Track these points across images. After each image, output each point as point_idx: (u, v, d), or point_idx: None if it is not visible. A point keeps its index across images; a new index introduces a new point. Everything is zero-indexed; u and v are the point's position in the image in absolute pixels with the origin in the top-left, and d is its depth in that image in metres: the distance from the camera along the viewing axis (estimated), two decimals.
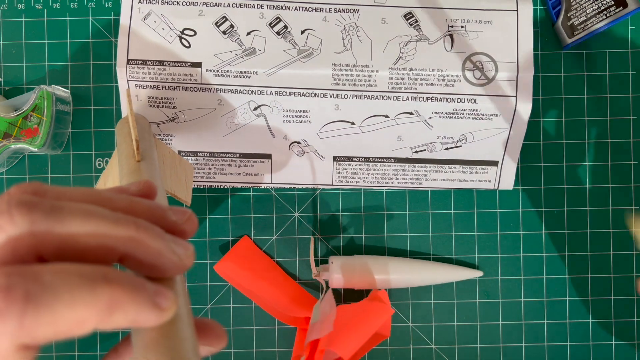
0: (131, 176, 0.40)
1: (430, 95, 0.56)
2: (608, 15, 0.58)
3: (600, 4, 0.58)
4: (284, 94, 0.56)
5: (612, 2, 0.57)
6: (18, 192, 0.24)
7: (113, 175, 0.46)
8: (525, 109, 0.56)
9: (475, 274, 0.60)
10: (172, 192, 0.48)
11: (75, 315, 0.22)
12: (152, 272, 0.26)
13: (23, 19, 0.61)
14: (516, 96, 0.56)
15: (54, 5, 0.61)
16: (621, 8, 0.57)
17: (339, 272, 0.58)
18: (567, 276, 0.61)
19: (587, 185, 0.61)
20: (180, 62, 0.56)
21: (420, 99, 0.56)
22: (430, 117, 0.57)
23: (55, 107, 0.57)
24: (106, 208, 0.25)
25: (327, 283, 0.59)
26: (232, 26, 0.57)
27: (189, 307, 0.28)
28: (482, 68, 0.56)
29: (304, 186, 0.60)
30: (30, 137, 0.56)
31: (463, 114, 0.57)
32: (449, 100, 0.56)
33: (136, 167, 0.40)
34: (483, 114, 0.57)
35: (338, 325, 0.51)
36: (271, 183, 0.60)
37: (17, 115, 0.56)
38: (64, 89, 0.60)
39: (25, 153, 0.60)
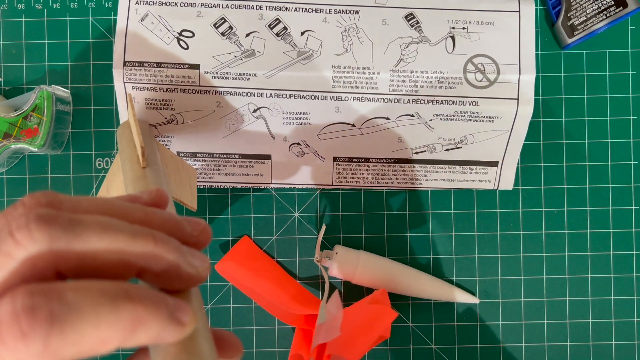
0: (137, 183, 0.39)
1: (432, 98, 0.56)
2: (608, 15, 0.58)
3: (600, 4, 0.58)
4: (284, 96, 0.56)
5: (612, 2, 0.57)
6: (34, 204, 0.24)
7: (117, 181, 0.45)
8: (526, 111, 0.56)
9: (473, 300, 0.60)
10: (178, 197, 0.48)
11: (99, 335, 0.22)
12: (169, 284, 0.26)
13: (23, 19, 0.61)
14: (517, 99, 0.56)
15: (54, 5, 0.61)
16: (621, 8, 0.57)
17: (341, 263, 0.58)
18: (567, 276, 0.61)
19: (587, 185, 0.61)
20: (178, 64, 0.56)
21: (422, 101, 0.56)
22: (431, 120, 0.57)
23: (55, 107, 0.57)
24: (122, 220, 0.25)
25: (326, 270, 0.59)
26: (230, 27, 0.56)
27: (206, 319, 0.28)
28: (484, 70, 0.56)
29: (304, 186, 0.60)
30: (30, 137, 0.56)
31: (464, 116, 0.57)
32: (451, 102, 0.56)
33: (142, 174, 0.40)
34: (484, 117, 0.56)
35: (344, 329, 0.51)
36: (271, 183, 0.60)
37: (17, 115, 0.56)
38: (64, 89, 0.60)
39: (25, 153, 0.60)
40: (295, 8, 0.57)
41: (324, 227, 0.60)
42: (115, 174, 0.47)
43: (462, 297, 0.60)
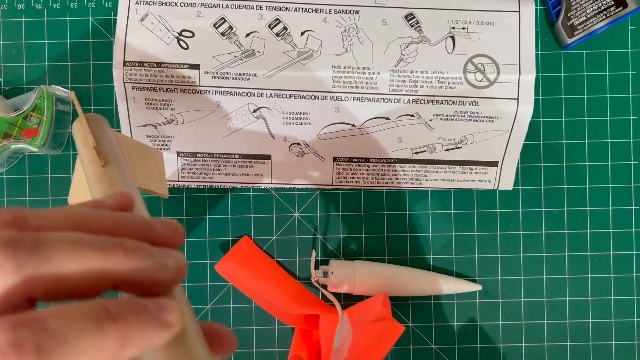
0: (100, 184, 0.38)
1: (432, 98, 0.56)
2: (608, 15, 0.58)
3: (600, 4, 0.58)
4: (284, 96, 0.56)
5: (612, 2, 0.57)
6: None
7: (83, 183, 0.44)
8: (526, 111, 0.56)
9: (475, 287, 0.60)
10: (147, 187, 0.47)
11: (88, 359, 0.21)
12: (148, 290, 0.26)
13: (23, 19, 0.61)
14: (517, 99, 0.56)
15: (54, 5, 0.61)
16: (621, 8, 0.57)
17: (338, 278, 0.58)
18: (567, 276, 0.61)
19: (587, 185, 0.61)
20: (178, 63, 0.56)
21: (422, 101, 0.56)
22: (431, 120, 0.57)
23: (55, 107, 0.57)
24: (91, 230, 0.25)
25: (325, 287, 0.60)
26: (230, 27, 0.56)
27: (193, 316, 0.27)
28: (484, 70, 0.56)
29: (304, 186, 0.60)
30: (30, 137, 0.56)
31: (464, 116, 0.57)
32: (450, 102, 0.56)
33: (103, 173, 0.39)
34: (484, 117, 0.56)
35: (353, 351, 0.51)
36: (271, 183, 0.60)
37: (17, 115, 0.56)
38: (64, 89, 0.60)
39: (25, 153, 0.60)
40: (295, 8, 0.57)
41: (314, 253, 0.60)
42: (80, 175, 0.46)
43: (463, 287, 0.59)
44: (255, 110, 0.57)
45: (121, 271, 0.24)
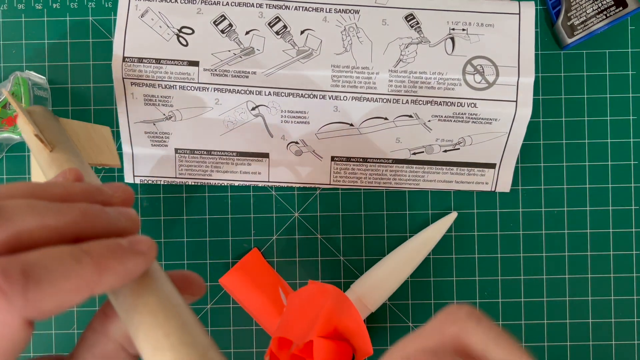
0: (51, 169, 0.40)
1: (430, 99, 0.56)
2: (608, 15, 0.58)
3: (600, 4, 0.58)
4: (283, 94, 0.56)
5: (612, 2, 0.57)
6: None
7: (40, 177, 0.46)
8: (525, 114, 0.56)
9: (451, 218, 0.60)
10: (98, 162, 0.49)
11: (71, 285, 0.23)
12: None
13: (23, 19, 0.61)
14: (516, 101, 0.56)
15: (54, 5, 0.61)
16: (621, 8, 0.57)
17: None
18: (567, 276, 0.61)
19: (587, 185, 0.60)
20: (178, 60, 0.56)
21: (420, 102, 0.56)
22: (429, 120, 0.57)
23: (32, 93, 0.57)
24: (45, 199, 0.27)
25: None
26: (230, 25, 0.57)
27: (159, 267, 0.30)
28: (483, 72, 0.56)
29: (302, 185, 0.60)
30: (12, 125, 0.56)
31: (462, 117, 0.57)
32: (449, 104, 0.56)
33: (52, 158, 0.41)
34: (482, 118, 0.56)
35: (288, 312, 0.51)
36: (268, 182, 0.60)
37: None
38: (39, 75, 0.60)
39: (11, 143, 0.60)
40: (296, 7, 0.57)
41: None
42: (36, 168, 0.48)
43: (443, 228, 0.59)
44: (253, 108, 0.57)
45: (79, 226, 0.26)
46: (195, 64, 0.56)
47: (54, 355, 0.32)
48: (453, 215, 0.60)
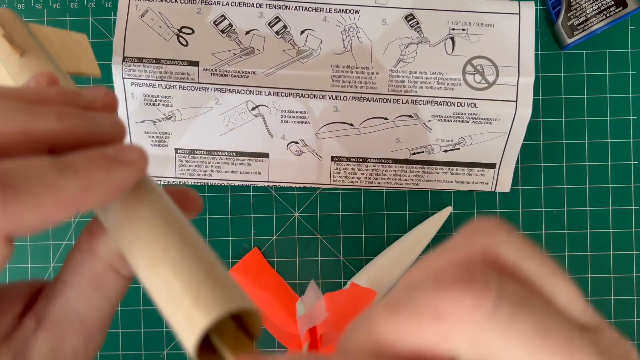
0: (22, 74, 0.36)
1: (430, 99, 0.56)
2: (608, 15, 0.58)
3: (600, 4, 0.58)
4: (283, 94, 0.56)
5: (612, 2, 0.57)
6: None
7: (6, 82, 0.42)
8: (524, 114, 0.56)
9: (447, 212, 0.60)
10: (75, 70, 0.45)
11: (54, 198, 0.21)
12: None
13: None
14: (516, 101, 0.56)
15: (54, 5, 0.61)
16: (621, 8, 0.57)
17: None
18: None
19: (587, 185, 0.60)
20: (178, 60, 0.56)
21: (420, 102, 0.56)
22: (429, 120, 0.57)
23: None
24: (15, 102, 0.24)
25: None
26: (230, 25, 0.57)
27: (152, 179, 0.27)
28: (483, 72, 0.56)
29: (302, 185, 0.60)
30: None
31: (462, 117, 0.57)
32: (449, 104, 0.56)
33: (22, 63, 0.37)
34: (482, 118, 0.56)
35: (329, 310, 0.51)
36: (268, 182, 0.60)
37: None
38: None
39: None
40: (295, 7, 0.57)
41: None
42: (1, 72, 0.41)
43: (438, 222, 0.59)
44: (253, 108, 0.57)
45: (54, 130, 0.24)
46: (195, 64, 0.56)
47: (38, 280, 0.29)
48: (448, 210, 0.60)
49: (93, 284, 0.27)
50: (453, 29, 0.57)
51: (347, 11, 0.57)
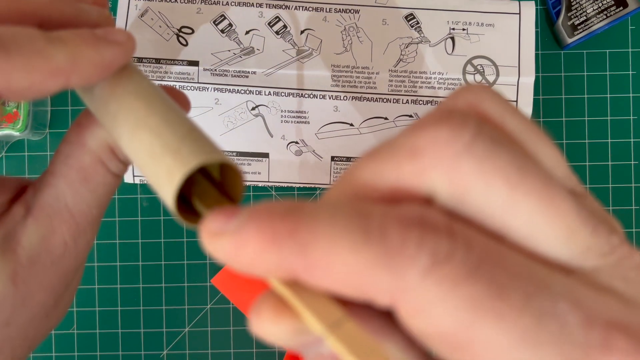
0: None
1: (431, 99, 0.56)
2: (608, 15, 0.57)
3: (600, 4, 0.58)
4: (283, 94, 0.56)
5: (612, 2, 0.57)
6: None
7: None
8: (525, 113, 0.56)
9: None
10: None
11: (43, 64, 0.22)
12: None
13: None
14: (516, 101, 0.56)
15: None
16: (621, 8, 0.57)
17: None
18: None
19: (588, 185, 0.60)
20: (177, 60, 0.56)
21: (421, 102, 0.56)
22: None
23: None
24: None
25: None
26: (230, 25, 0.56)
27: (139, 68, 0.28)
28: (483, 72, 0.56)
29: (302, 185, 0.60)
30: (11, 122, 0.56)
31: None
32: None
33: None
34: None
35: None
36: (268, 182, 0.60)
37: None
38: None
39: (11, 140, 0.60)
40: (296, 6, 0.57)
41: None
42: None
43: None
44: (253, 108, 0.57)
45: (43, 8, 0.24)
46: (195, 63, 0.56)
47: (26, 179, 0.30)
48: None
49: (81, 176, 0.28)
50: (453, 29, 0.57)
51: (347, 11, 0.57)
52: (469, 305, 0.16)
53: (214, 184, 0.25)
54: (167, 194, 0.22)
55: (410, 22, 0.57)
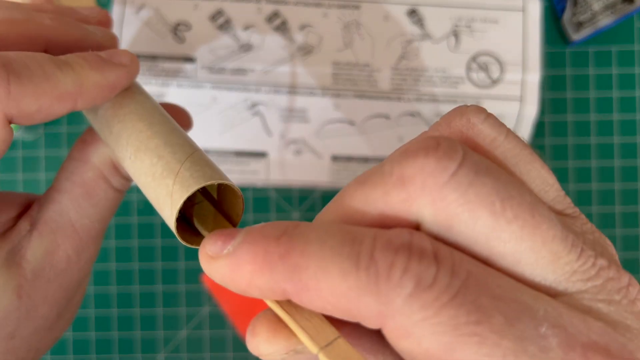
0: None
1: (433, 97, 0.56)
2: (615, 11, 0.57)
3: (606, 0, 0.57)
4: (282, 92, 0.55)
5: None
6: None
7: None
8: (530, 112, 0.55)
9: None
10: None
11: (52, 88, 0.23)
12: None
13: None
14: (521, 99, 0.55)
15: None
16: (628, 4, 0.57)
17: None
18: None
19: (592, 185, 0.60)
20: (174, 57, 0.55)
21: (423, 100, 0.56)
22: (433, 119, 0.56)
23: None
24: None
25: None
26: (228, 21, 0.56)
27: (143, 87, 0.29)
28: (487, 69, 0.56)
29: (301, 185, 0.59)
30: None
31: None
32: (453, 101, 0.55)
33: None
34: None
35: None
36: (267, 181, 0.59)
37: None
38: None
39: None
40: (295, 2, 0.56)
41: None
42: None
43: None
44: (252, 106, 0.56)
45: (48, 27, 0.26)
46: (192, 60, 0.55)
47: (33, 194, 0.32)
48: None
49: (84, 191, 0.29)
50: (457, 25, 0.56)
51: (348, 7, 0.56)
52: (452, 329, 0.16)
53: (214, 202, 0.26)
54: (168, 217, 0.24)
55: (412, 19, 0.56)
